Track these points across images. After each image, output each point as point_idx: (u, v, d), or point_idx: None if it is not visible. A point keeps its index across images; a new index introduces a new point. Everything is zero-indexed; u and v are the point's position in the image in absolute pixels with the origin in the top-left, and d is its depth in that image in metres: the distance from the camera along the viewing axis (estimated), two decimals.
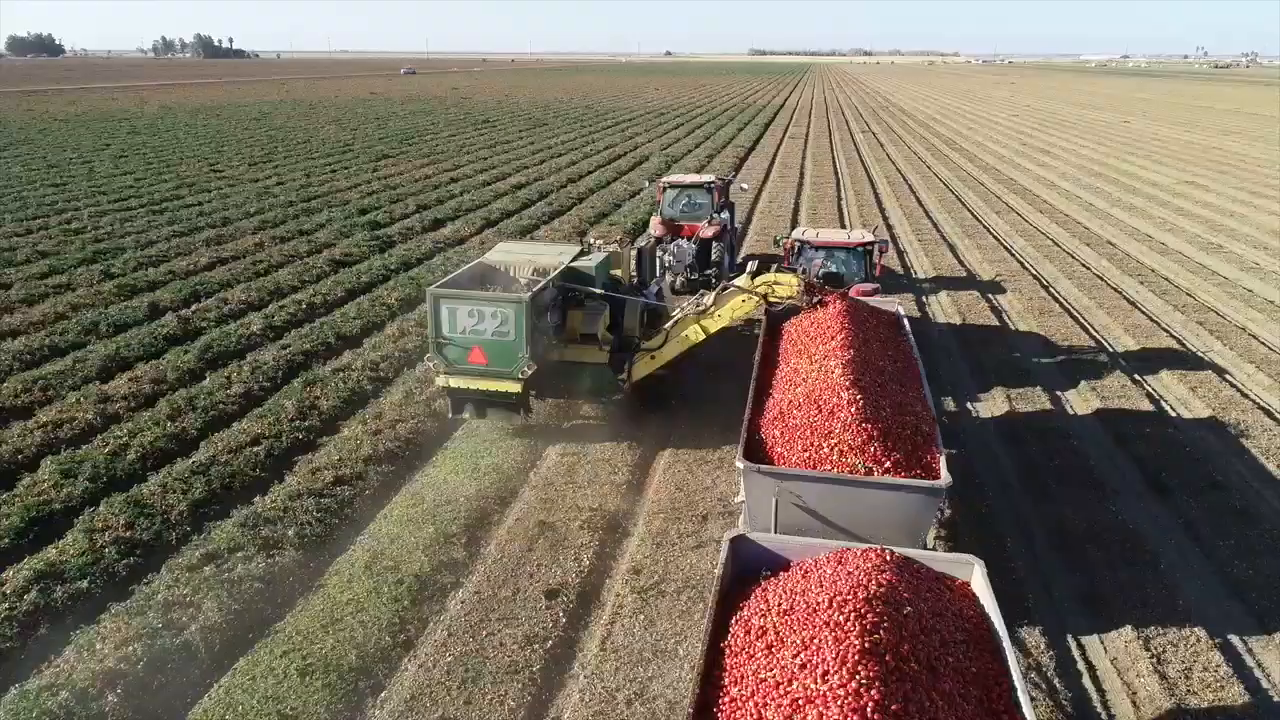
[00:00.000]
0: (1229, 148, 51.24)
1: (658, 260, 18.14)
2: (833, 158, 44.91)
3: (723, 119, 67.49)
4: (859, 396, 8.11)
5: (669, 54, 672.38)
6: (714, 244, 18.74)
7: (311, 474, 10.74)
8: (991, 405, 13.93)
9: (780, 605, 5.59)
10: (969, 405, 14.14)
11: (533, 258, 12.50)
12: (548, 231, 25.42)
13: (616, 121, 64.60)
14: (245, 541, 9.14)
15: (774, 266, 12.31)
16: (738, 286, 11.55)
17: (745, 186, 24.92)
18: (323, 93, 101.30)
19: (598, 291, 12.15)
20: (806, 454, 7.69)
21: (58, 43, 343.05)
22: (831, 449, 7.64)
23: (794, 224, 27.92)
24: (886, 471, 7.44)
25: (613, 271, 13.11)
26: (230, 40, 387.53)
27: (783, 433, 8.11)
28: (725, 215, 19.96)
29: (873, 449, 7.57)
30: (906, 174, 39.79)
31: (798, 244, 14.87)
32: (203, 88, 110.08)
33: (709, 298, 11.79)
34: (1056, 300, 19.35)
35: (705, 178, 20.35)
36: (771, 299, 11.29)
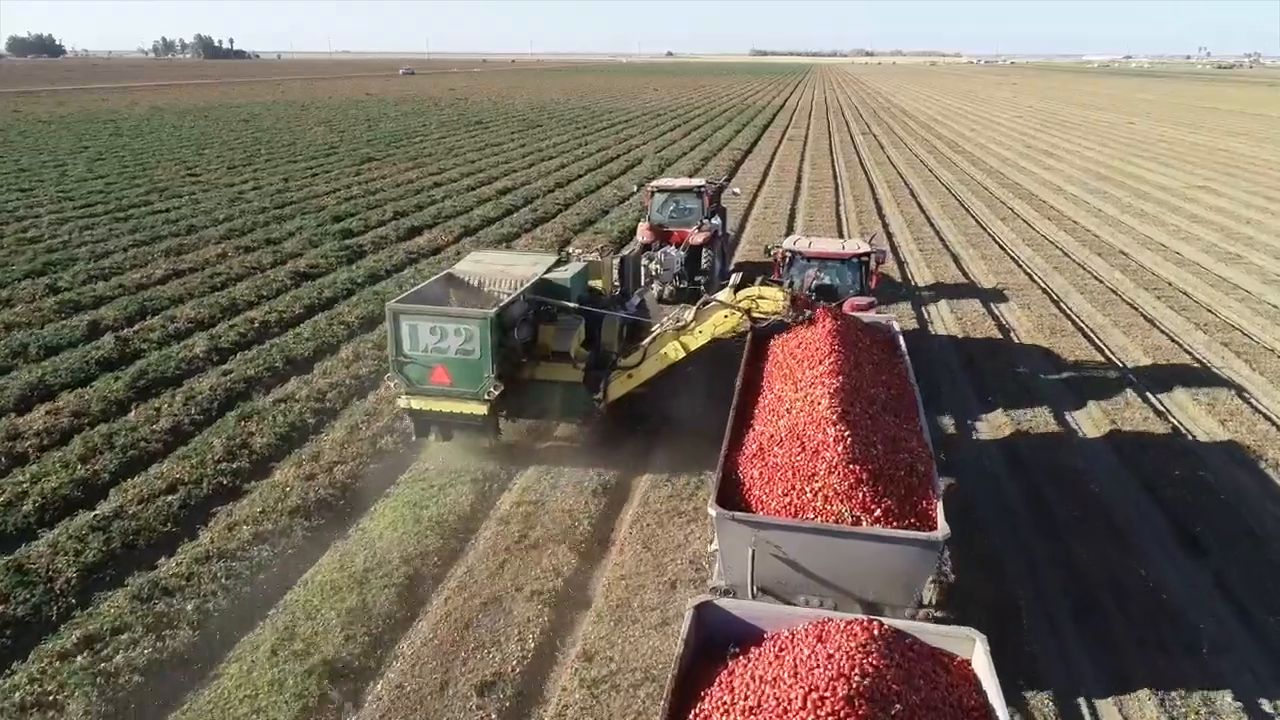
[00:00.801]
0: (1237, 150, 49.88)
1: (643, 269, 16.95)
2: (832, 161, 43.59)
3: (720, 120, 66.19)
4: (847, 433, 7.29)
5: (670, 54, 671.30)
6: (704, 251, 17.79)
7: (228, 530, 9.44)
8: (994, 426, 12.87)
9: (746, 700, 4.84)
10: (970, 426, 13.09)
11: (505, 269, 11.78)
12: (529, 240, 24.12)
13: (612, 123, 63.30)
14: (134, 620, 7.84)
15: (759, 279, 11.48)
16: (719, 301, 10.71)
17: (737, 191, 23.72)
18: (317, 93, 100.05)
19: (571, 305, 11.30)
20: (787, 499, 6.92)
21: (58, 43, 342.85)
22: (815, 494, 6.86)
23: (789, 231, 26.62)
24: (877, 521, 6.66)
25: (592, 283, 12.47)
26: (231, 41, 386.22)
27: (762, 473, 7.30)
28: (717, 221, 19.02)
29: (861, 494, 6.79)
30: (908, 178, 38.47)
31: (789, 254, 13.98)
32: (197, 88, 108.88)
33: (689, 313, 10.91)
34: (1070, 318, 18.01)
35: (695, 181, 19.26)
36: (756, 314, 10.48)
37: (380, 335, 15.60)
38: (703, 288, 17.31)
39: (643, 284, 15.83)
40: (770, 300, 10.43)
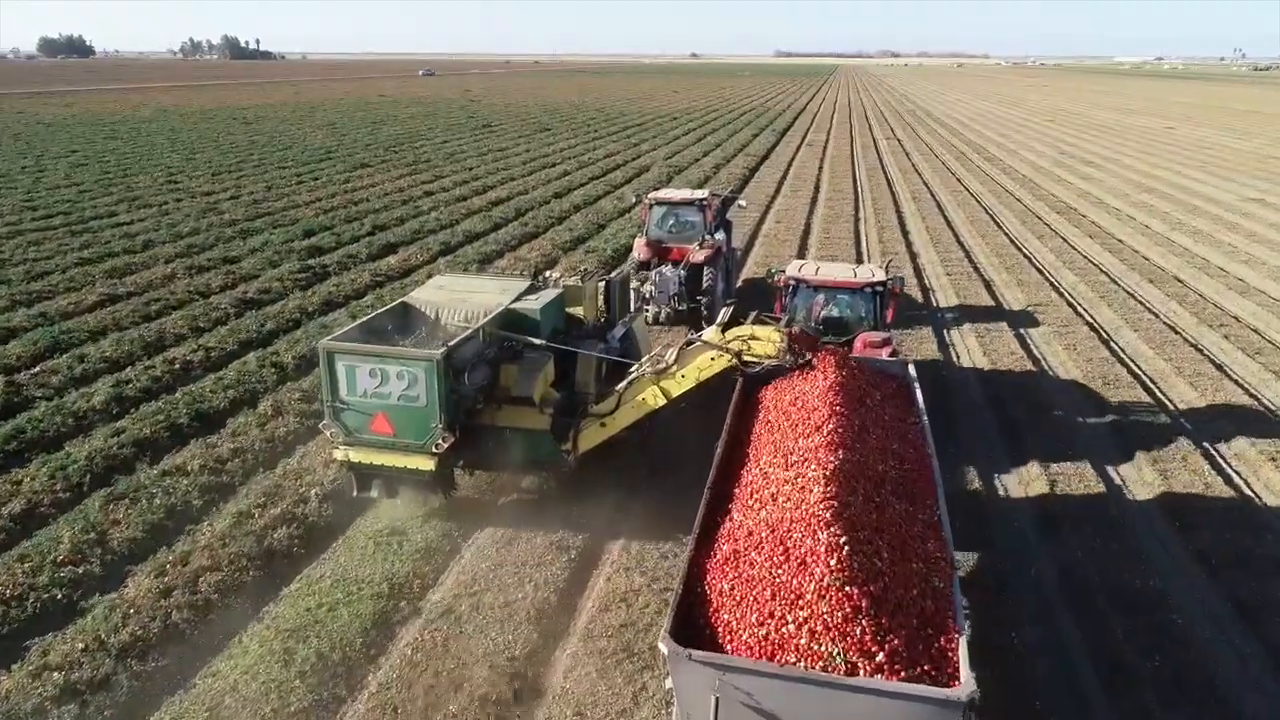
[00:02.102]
0: None
1: (632, 292, 14.88)
2: (853, 169, 40.99)
3: (738, 124, 63.67)
4: (843, 539, 5.84)
5: (695, 56, 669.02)
6: (706, 270, 16.04)
7: (33, 676, 7.20)
8: (1026, 481, 11.13)
9: None
10: (997, 480, 11.26)
11: (466, 297, 10.46)
12: (511, 260, 21.83)
13: (625, 127, 60.99)
14: None
15: (752, 314, 10.04)
16: (705, 341, 9.40)
17: (744, 203, 21.52)
18: (330, 95, 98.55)
19: (536, 342, 9.88)
20: (764, 629, 5.53)
21: (88, 44, 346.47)
22: (799, 626, 5.43)
23: (802, 249, 24.20)
24: (879, 669, 5.18)
25: (574, 310, 11.22)
26: (257, 41, 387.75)
27: (735, 587, 5.95)
28: (721, 236, 17.46)
29: (859, 629, 5.34)
30: (934, 188, 35.81)
31: (793, 282, 12.11)
32: (211, 89, 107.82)
33: (671, 354, 9.54)
34: (1123, 362, 15.45)
35: (698, 193, 17.45)
36: (747, 357, 9.15)
37: (312, 383, 13.40)
38: (704, 309, 15.83)
39: (633, 308, 13.88)
40: (764, 341, 9.10)
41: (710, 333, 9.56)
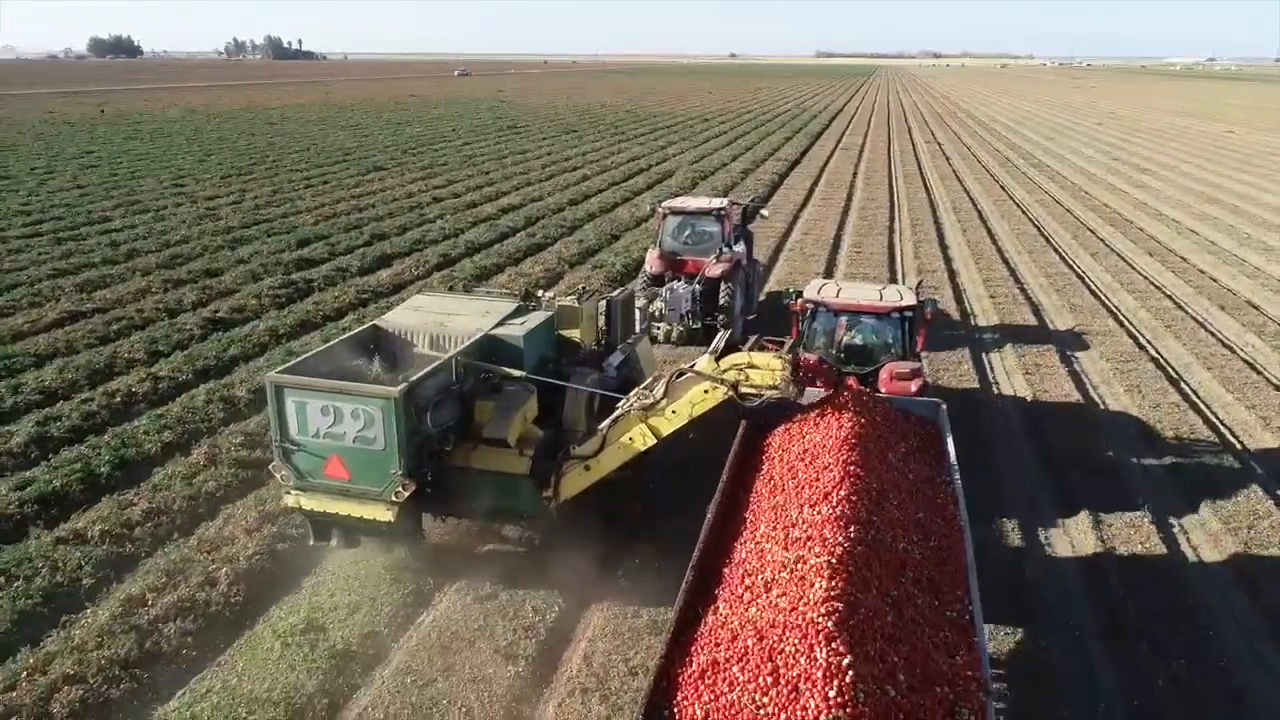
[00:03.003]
0: None
1: (637, 311, 12.97)
2: (889, 175, 38.80)
3: (771, 126, 61.58)
4: (846, 661, 4.83)
5: (734, 56, 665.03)
6: (723, 284, 15.16)
7: None
8: (1073, 535, 9.84)
9: None
10: (1039, 532, 9.92)
11: (444, 320, 9.37)
12: (511, 276, 20.14)
13: (655, 128, 59.22)
14: None
15: (750, 339, 8.97)
16: (698, 372, 8.28)
17: (767, 213, 19.78)
18: (362, 95, 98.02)
19: (515, 374, 8.71)
20: None
21: (136, 44, 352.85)
22: None
23: (830, 266, 22.26)
24: None
25: (568, 332, 10.12)
26: (299, 42, 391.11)
27: (709, 714, 4.94)
28: (740, 248, 16.42)
29: None
30: (976, 196, 33.55)
31: (811, 305, 10.96)
32: (245, 89, 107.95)
33: (659, 386, 8.34)
34: (1197, 407, 13.36)
35: (715, 202, 16.40)
36: (745, 390, 8.06)
37: (260, 423, 11.83)
38: (720, 326, 14.53)
39: (638, 329, 12.25)
40: (764, 371, 8.02)
41: (703, 362, 8.32)
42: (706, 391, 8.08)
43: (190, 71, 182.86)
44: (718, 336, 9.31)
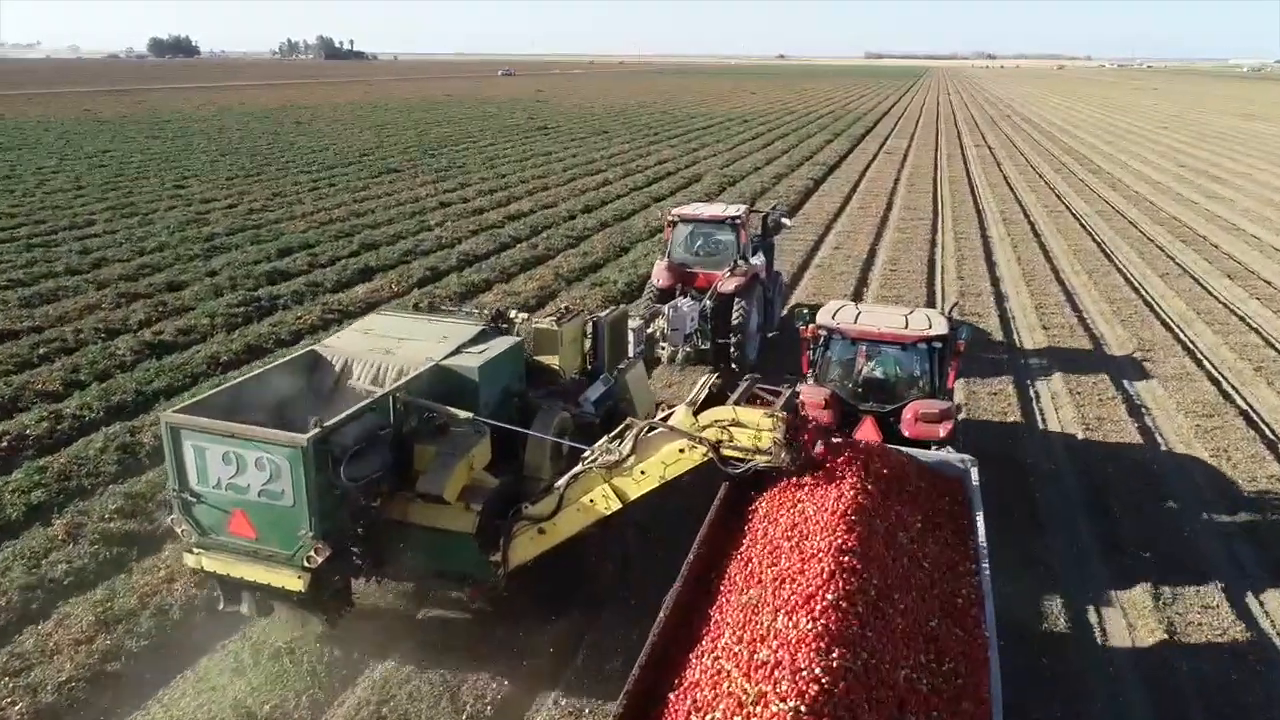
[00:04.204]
0: None
1: (630, 333, 11.53)
2: (934, 182, 36.04)
3: (812, 128, 58.89)
4: None
5: (782, 57, 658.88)
6: (735, 302, 13.70)
7: None
8: (1131, 617, 8.28)
9: None
10: (1091, 611, 8.40)
11: (393, 346, 8.28)
12: (499, 295, 18.09)
13: (689, 130, 56.93)
14: None
15: (742, 384, 7.86)
16: (671, 428, 6.93)
17: (790, 223, 17.77)
18: (400, 94, 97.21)
19: (460, 414, 7.40)
20: None
21: (194, 44, 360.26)
22: None
23: (861, 286, 19.88)
24: None
25: (546, 359, 9.15)
26: (351, 42, 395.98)
27: None
28: (758, 260, 14.96)
29: None
30: (1029, 206, 30.72)
31: (824, 333, 9.67)
32: (284, 88, 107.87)
33: (626, 443, 7.02)
34: None
35: (730, 209, 14.89)
36: (728, 452, 6.73)
37: (151, 481, 9.92)
38: (734, 348, 13.62)
39: (631, 354, 11.02)
40: (751, 430, 6.67)
41: (679, 414, 6.93)
42: (682, 451, 6.78)
43: (241, 71, 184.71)
44: (699, 383, 7.50)
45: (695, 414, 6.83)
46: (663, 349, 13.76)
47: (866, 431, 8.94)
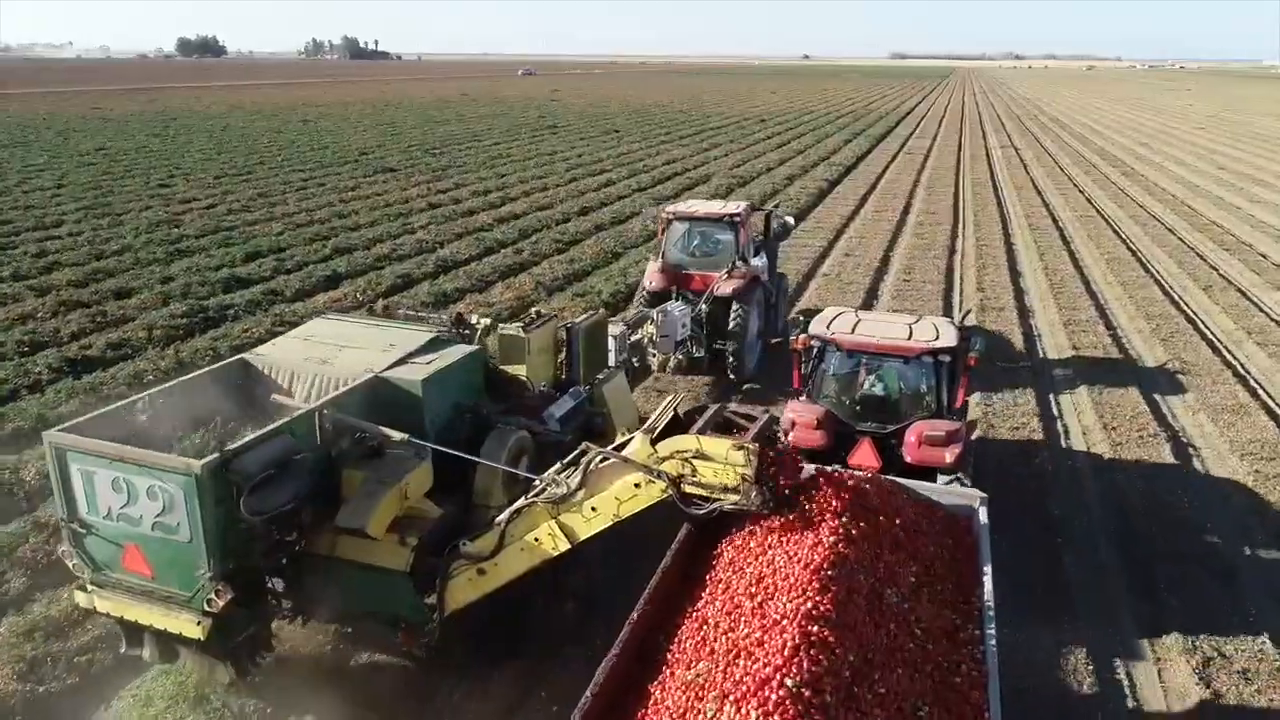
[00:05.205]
0: None
1: (618, 338, 11.07)
2: (956, 185, 34.13)
3: (831, 129, 56.97)
4: None
5: (806, 58, 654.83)
6: (734, 306, 12.85)
7: None
8: (1169, 682, 7.11)
9: None
10: (1121, 669, 7.30)
11: (331, 355, 7.47)
12: (470, 305, 16.52)
13: (702, 129, 55.23)
14: None
15: (709, 410, 7.31)
16: (625, 458, 5.94)
17: (791, 220, 16.43)
18: (414, 93, 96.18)
19: (394, 435, 6.55)
20: None
21: (220, 44, 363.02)
22: None
23: (871, 296, 18.17)
24: None
25: (514, 369, 8.44)
26: (375, 42, 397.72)
27: None
28: (759, 261, 14.04)
29: None
30: (1057, 210, 28.76)
31: (818, 343, 8.78)
32: (300, 88, 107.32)
33: (574, 475, 6.12)
34: None
35: (730, 206, 13.95)
36: (689, 488, 5.75)
37: (20, 530, 8.47)
38: (730, 355, 12.86)
39: (612, 363, 10.36)
40: (717, 464, 5.67)
41: (635, 444, 6.03)
42: (638, 486, 5.94)
43: (264, 71, 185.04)
44: (662, 404, 6.83)
45: (654, 442, 5.89)
46: (653, 357, 12.84)
47: (864, 455, 8.20)
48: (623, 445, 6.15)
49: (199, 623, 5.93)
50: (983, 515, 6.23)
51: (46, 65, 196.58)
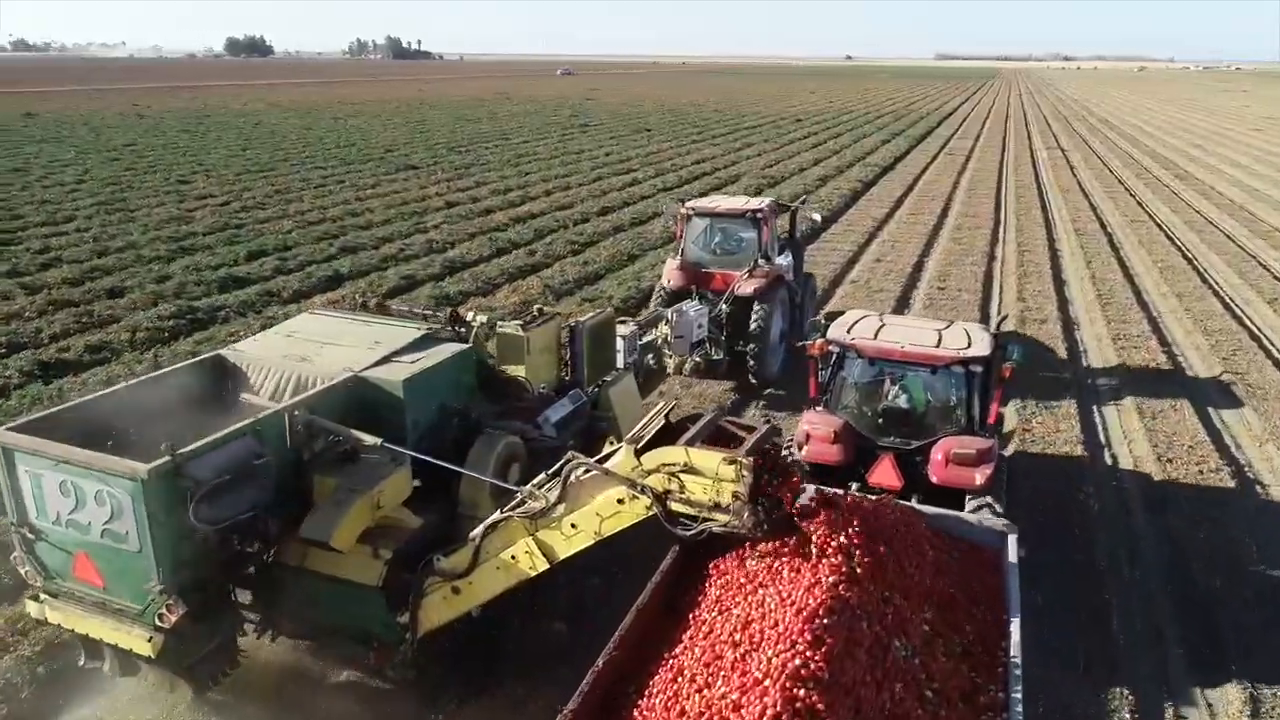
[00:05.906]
0: None
1: (627, 338, 10.43)
2: (998, 187, 32.62)
3: (869, 129, 55.46)
4: None
5: (849, 58, 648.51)
6: (755, 306, 12.23)
7: None
8: None
9: None
10: None
11: (313, 353, 6.96)
12: (475, 307, 15.58)
13: (737, 129, 54.05)
14: None
15: (704, 418, 5.80)
16: (607, 471, 5.40)
17: (817, 217, 15.41)
18: (451, 93, 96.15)
19: (367, 439, 6.10)
20: None
21: (268, 44, 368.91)
22: None
23: (902, 304, 16.97)
24: None
25: (513, 370, 7.92)
26: (418, 42, 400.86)
27: None
28: (784, 260, 13.47)
29: None
30: (1106, 216, 27.19)
31: (837, 349, 8.06)
32: (343, 86, 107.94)
33: (554, 488, 5.53)
34: None
35: (751, 203, 13.24)
36: (676, 506, 5.21)
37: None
38: (751, 358, 12.24)
39: (620, 365, 9.94)
40: (707, 480, 5.06)
41: (620, 456, 5.44)
42: (621, 502, 5.41)
43: (307, 70, 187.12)
44: (650, 414, 6.03)
45: (640, 453, 5.34)
46: (669, 358, 12.28)
47: (884, 473, 7.61)
48: (605, 458, 5.56)
49: (150, 639, 5.57)
50: (1012, 551, 5.49)
51: (99, 65, 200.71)
